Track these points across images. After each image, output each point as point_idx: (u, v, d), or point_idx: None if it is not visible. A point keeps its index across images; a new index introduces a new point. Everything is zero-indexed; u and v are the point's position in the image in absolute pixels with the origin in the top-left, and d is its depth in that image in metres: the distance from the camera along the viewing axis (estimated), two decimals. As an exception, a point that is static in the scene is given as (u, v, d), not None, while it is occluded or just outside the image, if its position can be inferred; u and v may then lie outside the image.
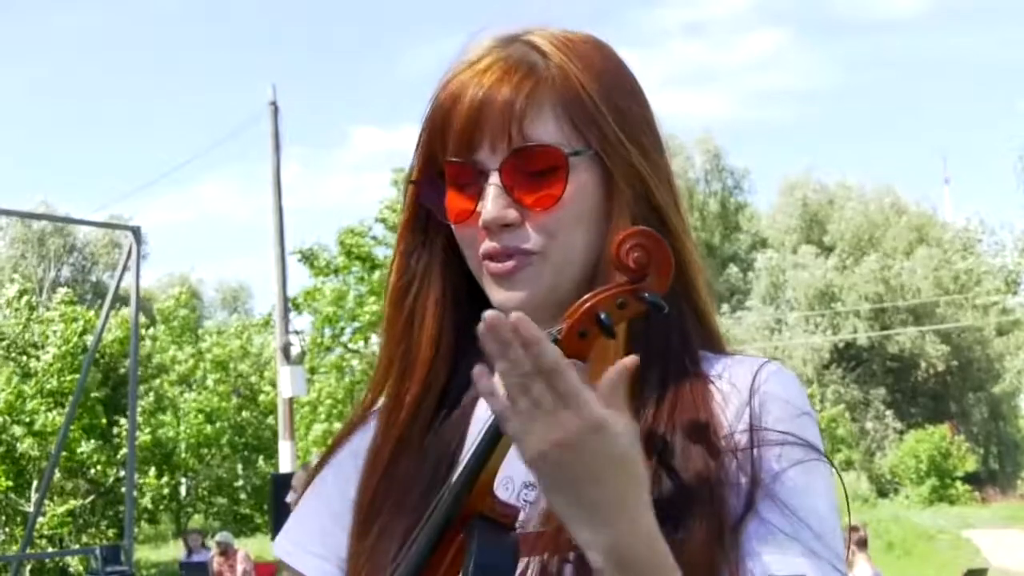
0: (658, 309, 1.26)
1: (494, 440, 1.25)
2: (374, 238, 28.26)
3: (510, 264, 1.39)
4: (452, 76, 1.44)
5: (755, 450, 1.35)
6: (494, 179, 1.38)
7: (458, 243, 1.45)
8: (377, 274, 27.11)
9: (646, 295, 1.26)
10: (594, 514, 1.18)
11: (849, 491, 1.38)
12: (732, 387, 1.41)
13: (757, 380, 1.40)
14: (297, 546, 1.55)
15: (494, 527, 1.26)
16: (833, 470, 1.40)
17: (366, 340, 27.99)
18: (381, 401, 1.54)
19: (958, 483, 42.17)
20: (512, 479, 1.40)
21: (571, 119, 1.39)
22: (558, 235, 1.39)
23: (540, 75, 1.40)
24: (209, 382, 36.22)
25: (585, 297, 1.27)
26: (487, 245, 1.40)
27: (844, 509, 1.43)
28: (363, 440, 1.54)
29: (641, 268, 1.26)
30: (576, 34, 1.47)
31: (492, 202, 1.38)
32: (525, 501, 1.39)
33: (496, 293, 1.41)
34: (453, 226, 1.44)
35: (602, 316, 1.25)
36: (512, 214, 1.38)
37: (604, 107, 1.41)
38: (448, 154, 1.41)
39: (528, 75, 1.40)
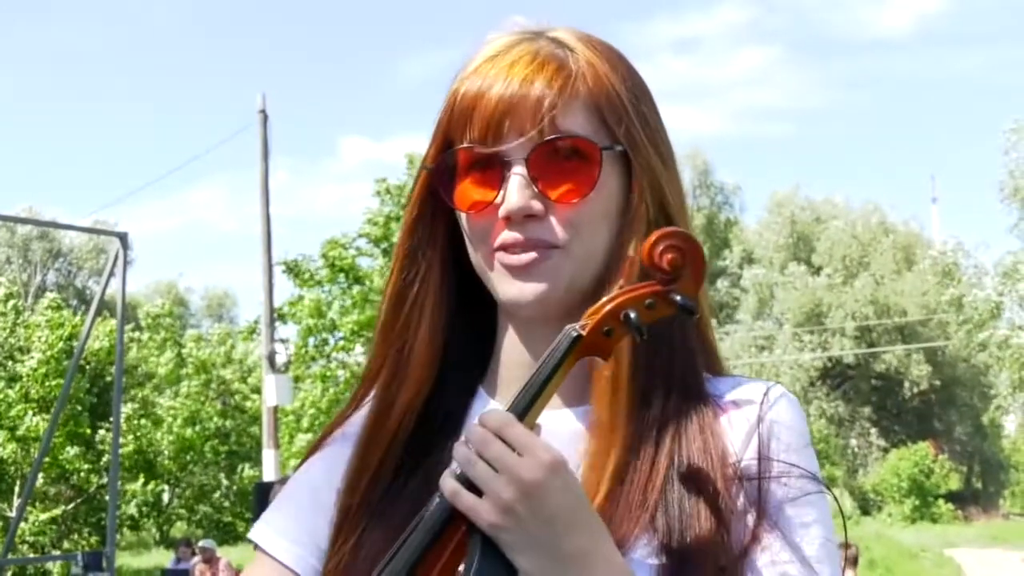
0: (689, 312, 1.25)
1: None
2: (357, 249, 28.19)
3: (528, 257, 1.36)
4: (475, 68, 1.41)
5: (763, 481, 1.34)
6: (519, 169, 1.35)
7: (467, 235, 1.42)
8: (358, 288, 27.04)
9: (677, 297, 1.24)
10: (571, 566, 1.19)
11: (832, 508, 1.39)
12: (738, 411, 1.39)
13: (764, 406, 1.38)
14: (275, 532, 1.50)
15: None
16: (831, 499, 1.39)
17: (348, 351, 27.90)
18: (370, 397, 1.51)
19: (940, 502, 42.24)
20: None
21: (601, 115, 1.37)
22: (582, 231, 1.36)
23: (571, 70, 1.38)
24: (190, 385, 36.11)
25: (613, 295, 1.25)
26: (506, 235, 1.36)
27: (839, 528, 1.42)
28: (352, 432, 1.51)
29: (675, 269, 1.24)
30: (594, 36, 1.45)
31: (518, 192, 1.35)
32: None
33: (509, 287, 1.38)
34: (466, 216, 1.40)
35: (632, 315, 1.23)
36: (537, 205, 1.35)
37: (631, 108, 1.39)
38: (470, 142, 1.38)
39: (560, 69, 1.37)
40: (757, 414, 1.38)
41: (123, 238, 13.73)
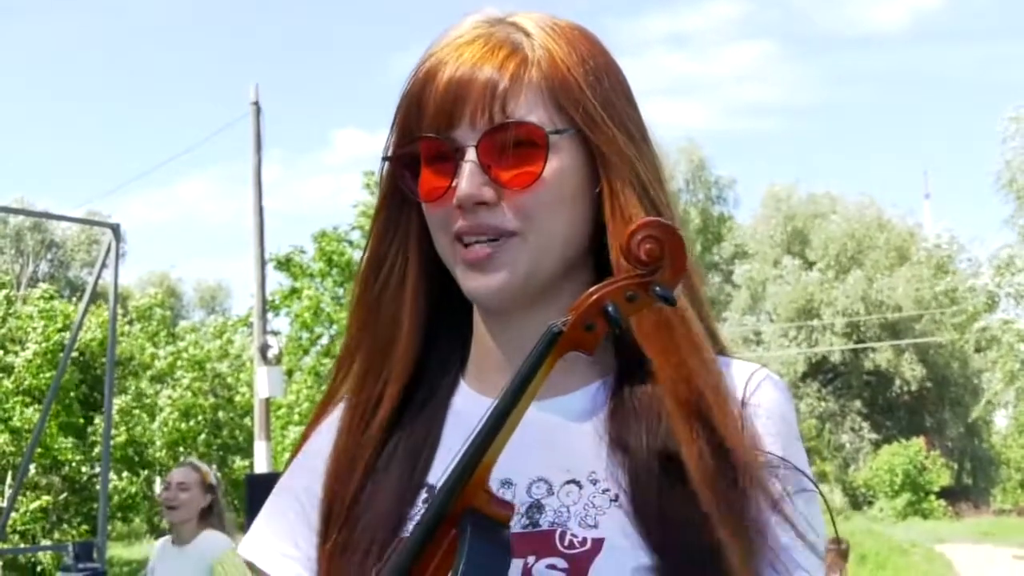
0: (669, 303, 1.22)
1: (492, 432, 1.19)
2: (350, 242, 28.17)
3: (485, 251, 1.33)
4: (432, 53, 1.39)
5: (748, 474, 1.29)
6: (471, 155, 1.32)
7: (430, 225, 1.39)
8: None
9: (657, 289, 1.21)
10: None
11: (820, 505, 1.36)
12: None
13: (747, 390, 1.35)
14: (265, 546, 1.49)
15: (488, 524, 1.20)
16: (819, 495, 1.35)
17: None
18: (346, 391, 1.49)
19: (932, 497, 42.33)
20: (513, 480, 1.36)
21: (555, 99, 1.34)
22: (537, 217, 1.33)
23: (524, 54, 1.35)
24: (185, 380, 36.10)
25: (593, 288, 1.22)
26: (460, 224, 1.34)
27: (829, 524, 1.38)
28: (330, 434, 1.48)
29: (654, 260, 1.21)
30: (562, 20, 1.42)
31: (467, 179, 1.32)
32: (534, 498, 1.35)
33: (469, 280, 1.35)
34: (424, 205, 1.38)
35: (609, 308, 1.21)
36: (488, 192, 1.32)
37: (588, 90, 1.35)
38: (424, 130, 1.35)
39: (512, 54, 1.35)
40: (740, 399, 1.34)
41: (116, 229, 13.70)
